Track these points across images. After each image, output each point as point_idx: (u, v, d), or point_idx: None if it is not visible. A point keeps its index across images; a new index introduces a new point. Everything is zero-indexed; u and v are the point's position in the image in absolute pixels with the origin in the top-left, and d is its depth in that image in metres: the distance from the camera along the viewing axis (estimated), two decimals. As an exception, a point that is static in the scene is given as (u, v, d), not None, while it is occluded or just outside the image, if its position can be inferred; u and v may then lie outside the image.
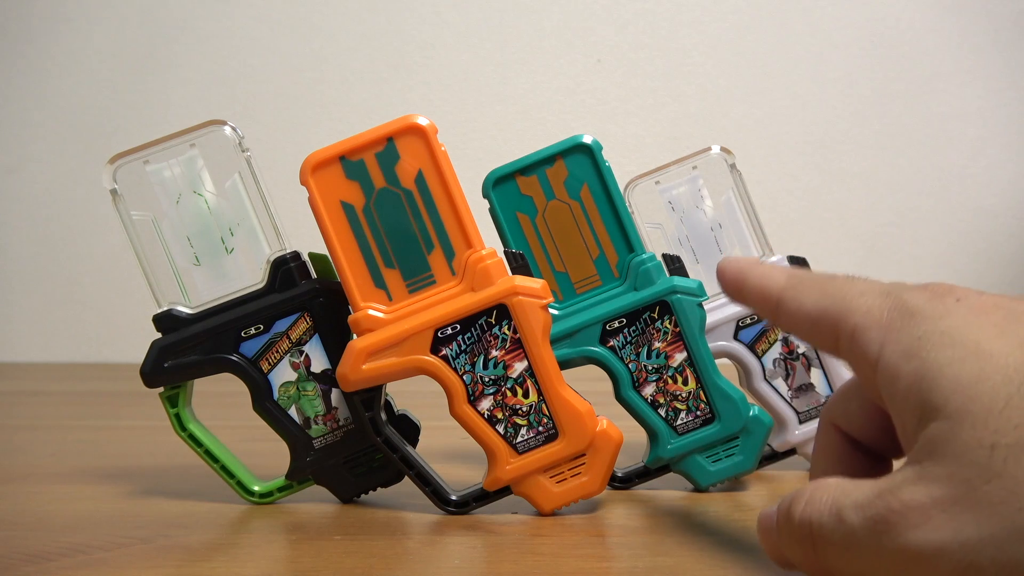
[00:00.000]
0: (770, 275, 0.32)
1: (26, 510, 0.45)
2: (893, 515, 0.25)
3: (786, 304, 0.31)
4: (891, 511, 0.25)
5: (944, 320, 0.26)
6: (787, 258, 0.49)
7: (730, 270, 0.33)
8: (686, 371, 0.45)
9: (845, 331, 0.28)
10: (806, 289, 0.31)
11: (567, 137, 0.45)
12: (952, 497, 0.24)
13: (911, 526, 0.24)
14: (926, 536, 0.24)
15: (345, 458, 0.45)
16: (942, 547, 0.24)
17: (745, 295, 0.33)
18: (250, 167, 0.44)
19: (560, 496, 0.42)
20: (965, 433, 0.24)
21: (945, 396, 0.25)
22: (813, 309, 0.30)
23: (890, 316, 0.27)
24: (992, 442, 0.24)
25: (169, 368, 0.43)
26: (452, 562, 0.37)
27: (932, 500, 0.24)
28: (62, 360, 1.15)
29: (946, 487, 0.24)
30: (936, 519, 0.24)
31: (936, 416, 0.25)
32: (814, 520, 0.27)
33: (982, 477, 0.24)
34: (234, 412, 0.53)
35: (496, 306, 0.41)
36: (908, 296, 0.28)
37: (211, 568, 0.36)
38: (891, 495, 0.25)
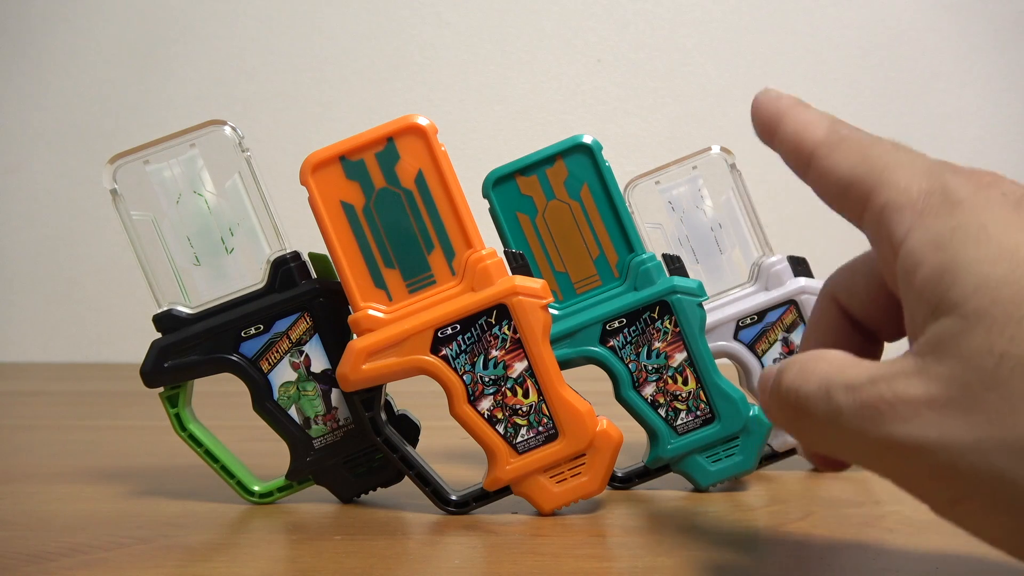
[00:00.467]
0: (808, 124, 0.29)
1: (26, 510, 0.45)
2: (883, 404, 0.24)
3: (819, 162, 0.29)
4: (881, 399, 0.24)
5: (983, 214, 0.25)
6: (787, 258, 0.49)
7: (766, 110, 0.31)
8: (686, 371, 0.45)
9: (875, 204, 0.27)
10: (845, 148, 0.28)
11: (567, 137, 0.45)
12: (947, 398, 0.23)
13: (899, 418, 0.24)
14: (911, 431, 0.24)
15: (345, 458, 0.45)
16: (924, 444, 0.23)
17: (777, 142, 0.30)
18: (250, 167, 0.44)
19: (560, 496, 0.42)
20: (977, 335, 0.23)
21: (966, 294, 0.23)
22: (847, 172, 0.28)
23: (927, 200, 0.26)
24: (1003, 350, 0.23)
25: (169, 368, 0.43)
26: (452, 562, 0.37)
27: (926, 397, 0.24)
28: (62, 360, 1.15)
29: (943, 387, 0.23)
30: (925, 416, 0.23)
31: (951, 312, 0.24)
32: (801, 391, 0.26)
33: (983, 383, 0.23)
34: (234, 412, 0.53)
35: (496, 306, 0.41)
36: (952, 181, 0.26)
37: (211, 568, 0.36)
38: (885, 383, 0.24)
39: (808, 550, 0.37)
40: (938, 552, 0.36)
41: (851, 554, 0.36)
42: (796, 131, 0.30)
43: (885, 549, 0.37)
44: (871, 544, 0.38)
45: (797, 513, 0.42)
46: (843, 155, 0.28)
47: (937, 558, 0.36)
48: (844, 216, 0.29)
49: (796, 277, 0.49)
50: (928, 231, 0.25)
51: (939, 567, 0.35)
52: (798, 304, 0.48)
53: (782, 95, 0.31)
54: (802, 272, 0.49)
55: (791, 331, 0.49)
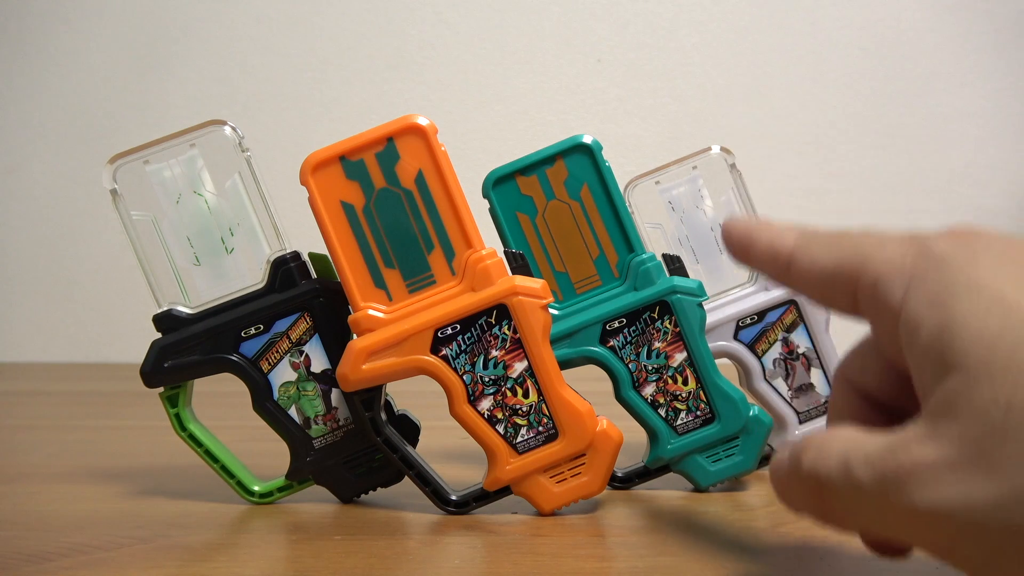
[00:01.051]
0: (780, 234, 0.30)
1: (26, 510, 0.45)
2: (902, 472, 0.24)
3: (799, 262, 0.29)
4: (900, 468, 0.24)
5: (970, 268, 0.25)
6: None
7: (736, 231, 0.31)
8: (686, 371, 0.45)
9: (865, 282, 0.27)
10: (820, 244, 0.29)
11: (567, 137, 0.45)
12: (963, 457, 0.23)
13: (919, 484, 0.23)
14: (933, 496, 0.23)
15: (345, 458, 0.45)
16: (949, 508, 0.23)
17: (753, 257, 0.31)
18: (250, 167, 0.44)
19: (560, 496, 0.42)
20: (982, 389, 0.23)
21: (965, 349, 0.23)
22: (828, 263, 0.28)
23: (915, 263, 0.26)
24: (1008, 400, 0.22)
25: (169, 368, 0.43)
26: (452, 562, 0.37)
27: (942, 459, 0.23)
28: (62, 360, 1.15)
29: (958, 446, 0.23)
30: (945, 479, 0.23)
31: (955, 370, 0.24)
32: (822, 471, 0.26)
33: (995, 438, 0.22)
34: (234, 412, 0.53)
35: (496, 306, 0.41)
36: (933, 243, 0.26)
37: (211, 568, 0.36)
38: (902, 451, 0.24)
39: (808, 550, 0.37)
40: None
41: (851, 554, 0.36)
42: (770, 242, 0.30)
43: (885, 549, 0.37)
44: (871, 544, 0.38)
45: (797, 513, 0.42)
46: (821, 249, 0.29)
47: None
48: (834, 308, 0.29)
49: (796, 277, 0.49)
50: (923, 292, 0.25)
51: (939, 567, 0.35)
52: (798, 304, 0.48)
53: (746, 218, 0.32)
54: (802, 272, 0.49)
55: (791, 331, 0.49)
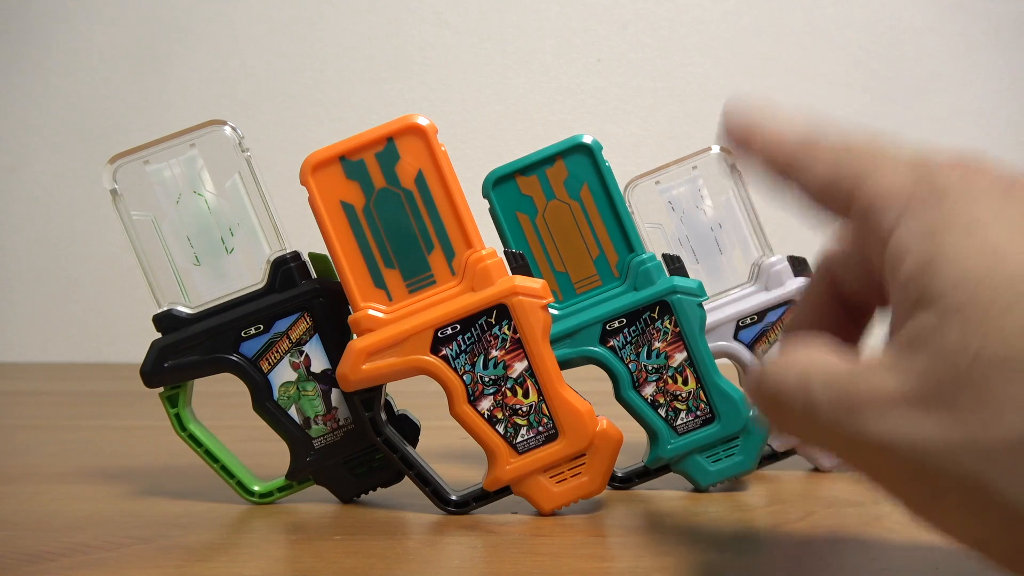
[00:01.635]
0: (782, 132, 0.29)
1: (26, 510, 0.45)
2: (857, 398, 0.24)
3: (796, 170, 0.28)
4: (858, 394, 0.24)
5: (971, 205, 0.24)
6: (787, 258, 0.49)
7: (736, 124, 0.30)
8: (686, 371, 0.45)
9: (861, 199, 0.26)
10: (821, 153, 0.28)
11: (567, 137, 0.45)
12: (920, 394, 0.23)
13: (874, 414, 0.23)
14: (883, 427, 0.23)
15: (345, 458, 0.45)
16: (900, 442, 0.23)
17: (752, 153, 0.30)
18: (250, 167, 0.44)
19: (560, 496, 0.42)
20: (953, 332, 0.22)
21: (945, 287, 0.23)
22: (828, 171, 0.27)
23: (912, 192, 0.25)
24: (977, 349, 0.22)
25: (169, 368, 0.43)
26: (452, 562, 0.37)
27: (900, 392, 0.23)
28: (62, 360, 1.15)
29: (917, 382, 0.23)
30: (900, 412, 0.23)
31: (930, 306, 0.23)
32: (781, 387, 0.26)
33: (957, 382, 0.22)
34: (234, 412, 0.53)
35: (496, 306, 0.41)
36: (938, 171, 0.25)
37: (211, 568, 0.36)
38: (862, 377, 0.24)
39: (808, 550, 0.37)
40: (938, 552, 0.36)
41: (851, 554, 0.36)
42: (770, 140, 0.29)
43: (885, 549, 0.37)
44: (871, 544, 0.38)
45: (797, 513, 0.42)
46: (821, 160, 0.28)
47: (937, 558, 0.36)
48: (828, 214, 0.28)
49: (796, 277, 0.49)
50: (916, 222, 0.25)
51: (939, 567, 0.35)
52: (798, 304, 0.48)
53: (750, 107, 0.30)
54: (802, 272, 0.49)
55: (791, 331, 0.49)
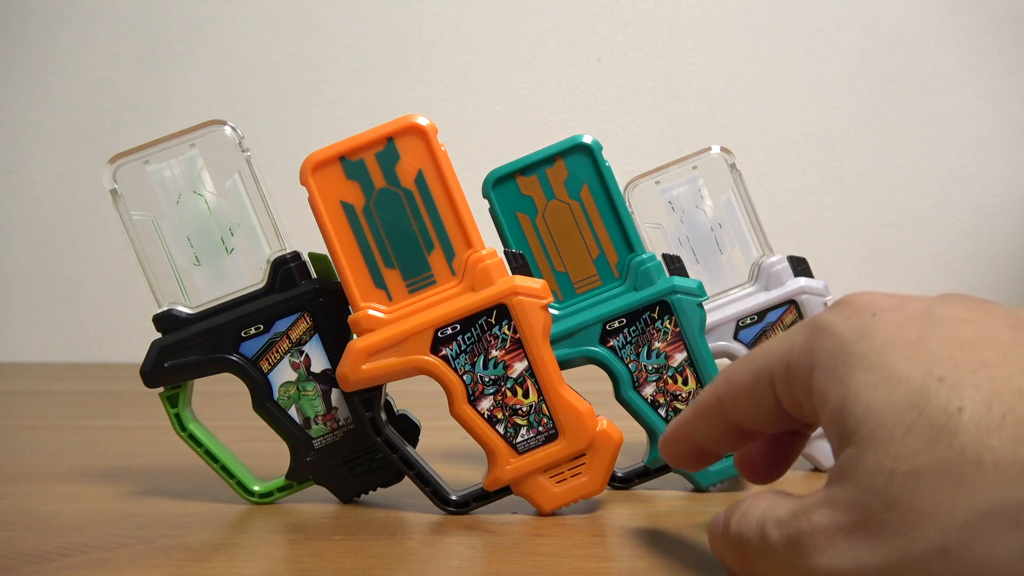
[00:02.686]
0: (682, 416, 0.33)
1: (26, 510, 0.45)
2: (804, 536, 0.25)
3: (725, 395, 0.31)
4: (802, 532, 0.26)
5: (862, 342, 0.26)
6: (787, 258, 0.49)
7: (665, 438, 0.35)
8: (686, 371, 0.45)
9: (779, 375, 0.29)
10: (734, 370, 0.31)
11: (567, 137, 0.45)
12: (853, 523, 0.24)
13: (817, 549, 0.25)
14: (829, 561, 0.25)
15: (345, 458, 0.45)
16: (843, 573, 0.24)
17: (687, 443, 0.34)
18: (250, 167, 0.44)
19: (560, 496, 0.42)
20: (868, 459, 0.24)
21: (857, 422, 0.25)
22: (748, 377, 0.30)
23: (809, 342, 0.28)
24: (891, 468, 0.24)
25: (169, 368, 0.43)
26: (452, 562, 0.37)
27: (836, 525, 0.25)
28: (62, 360, 1.15)
29: (848, 513, 0.25)
30: (839, 545, 0.25)
31: (850, 440, 0.25)
32: (743, 533, 0.28)
33: (881, 504, 0.24)
34: (234, 412, 0.53)
35: (496, 306, 0.41)
36: (824, 319, 0.28)
37: (211, 568, 0.36)
38: (804, 516, 0.26)
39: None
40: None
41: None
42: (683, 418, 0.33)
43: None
44: (871, 544, 0.38)
45: (797, 513, 0.42)
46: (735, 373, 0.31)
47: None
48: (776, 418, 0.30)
49: (796, 277, 0.49)
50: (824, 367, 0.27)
51: None
52: (798, 304, 0.48)
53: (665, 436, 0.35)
54: (802, 272, 0.49)
55: (791, 331, 0.49)
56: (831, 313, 0.28)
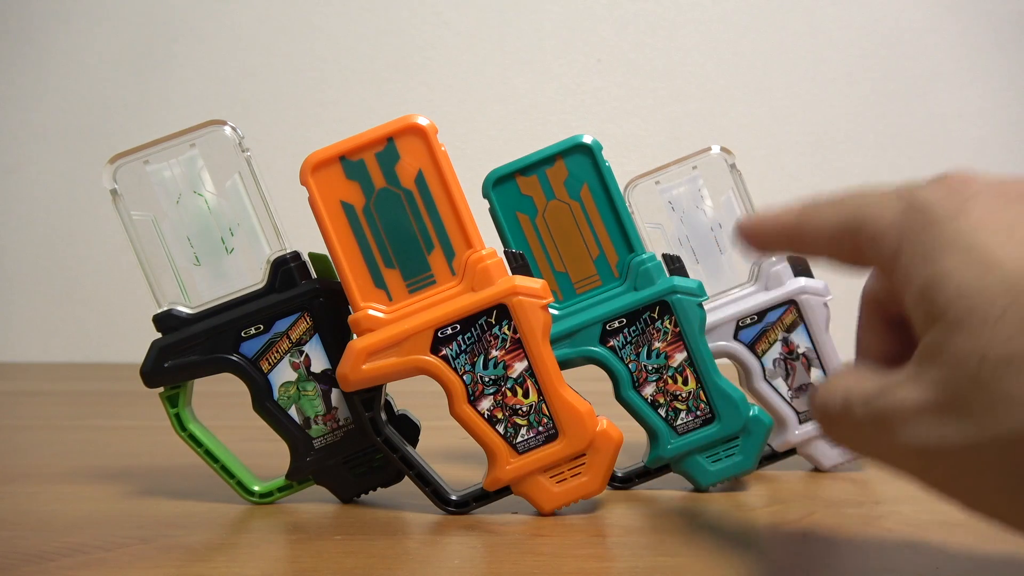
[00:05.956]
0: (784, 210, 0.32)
1: (26, 510, 0.45)
2: (889, 413, 0.26)
3: (805, 230, 0.31)
4: (887, 408, 0.26)
5: (957, 220, 0.26)
6: (787, 258, 0.49)
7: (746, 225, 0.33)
8: (686, 371, 0.45)
9: (864, 240, 0.29)
10: (820, 210, 0.30)
11: (567, 137, 0.45)
12: (940, 402, 0.25)
13: (903, 425, 0.26)
14: (914, 436, 0.25)
15: (345, 458, 0.45)
16: (928, 447, 0.25)
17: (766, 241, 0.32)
18: (250, 167, 0.44)
19: (560, 496, 0.42)
20: (959, 341, 0.24)
21: (947, 302, 0.25)
22: (831, 224, 0.30)
23: (904, 219, 0.27)
24: (982, 353, 0.24)
25: (169, 368, 0.43)
26: (452, 562, 0.37)
27: (922, 402, 0.25)
28: (62, 360, 1.15)
29: (935, 392, 0.25)
30: (924, 421, 0.25)
31: (938, 321, 0.25)
32: (828, 405, 0.28)
33: (970, 386, 0.24)
34: (234, 412, 0.53)
35: (496, 306, 0.41)
36: (922, 194, 0.27)
37: (211, 568, 0.36)
38: (890, 393, 0.26)
39: (808, 550, 0.37)
40: (938, 552, 0.36)
41: (851, 554, 0.36)
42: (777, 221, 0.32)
43: (885, 549, 0.37)
44: (871, 544, 0.38)
45: (797, 513, 0.42)
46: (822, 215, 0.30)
47: (937, 558, 0.36)
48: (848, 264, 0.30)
49: (796, 277, 0.49)
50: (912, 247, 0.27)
51: (939, 567, 0.35)
52: (798, 304, 0.48)
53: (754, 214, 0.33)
54: (802, 272, 0.49)
55: (791, 331, 0.49)
56: (927, 190, 0.27)
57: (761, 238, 0.32)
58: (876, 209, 0.28)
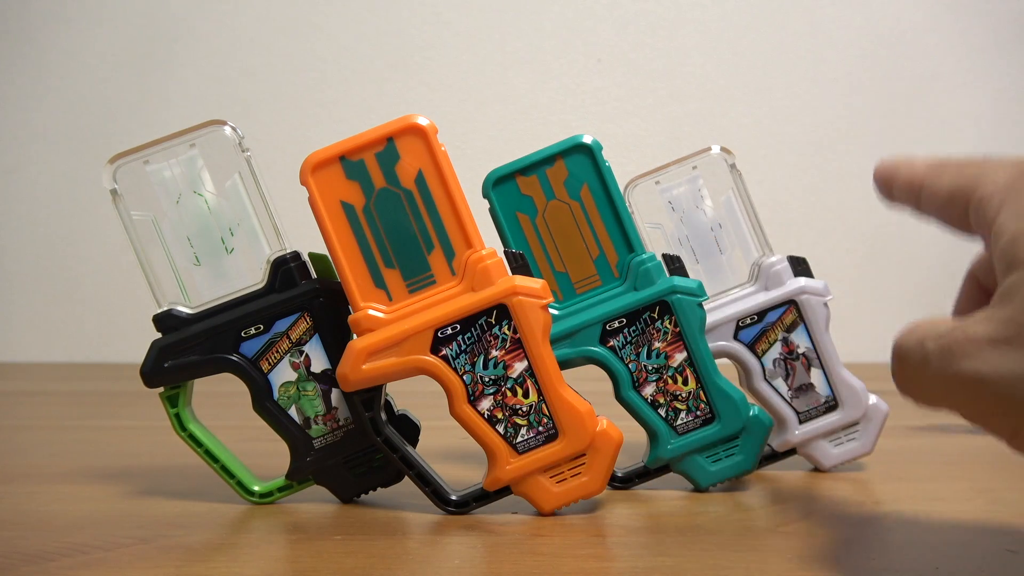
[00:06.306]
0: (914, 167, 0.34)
1: (26, 510, 0.45)
2: (955, 344, 0.28)
3: (927, 188, 0.33)
4: (955, 341, 0.28)
5: None
6: (787, 258, 0.49)
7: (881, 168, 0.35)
8: (686, 371, 0.45)
9: (974, 202, 0.31)
10: (945, 172, 0.33)
11: (567, 137, 0.45)
12: (1005, 336, 0.27)
13: (966, 355, 0.28)
14: (974, 365, 0.28)
15: (345, 458, 0.45)
16: (985, 376, 0.27)
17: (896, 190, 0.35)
18: (250, 167, 0.44)
19: (560, 496, 0.42)
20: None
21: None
22: (949, 187, 0.32)
23: (1012, 184, 0.30)
24: None
25: (169, 368, 0.43)
26: (452, 562, 0.37)
27: (988, 336, 0.28)
28: (62, 360, 1.15)
29: (1002, 327, 0.27)
30: (986, 352, 0.27)
31: (1017, 268, 0.28)
32: (903, 345, 0.31)
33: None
34: (234, 412, 0.53)
35: (496, 306, 0.41)
36: None
37: (211, 568, 0.36)
38: (961, 328, 0.28)
39: (808, 550, 0.37)
40: (938, 552, 0.36)
41: (851, 554, 0.37)
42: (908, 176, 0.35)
43: (885, 549, 0.37)
44: (871, 544, 0.38)
45: (797, 513, 0.42)
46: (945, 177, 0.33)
47: (937, 558, 0.36)
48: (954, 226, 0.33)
49: (796, 277, 0.49)
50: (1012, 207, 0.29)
51: (939, 567, 0.35)
52: (798, 304, 0.48)
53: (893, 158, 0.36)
54: (802, 272, 0.49)
55: (791, 331, 0.49)
56: None
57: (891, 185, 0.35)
58: (990, 176, 0.31)
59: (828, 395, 0.49)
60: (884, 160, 0.36)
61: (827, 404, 0.49)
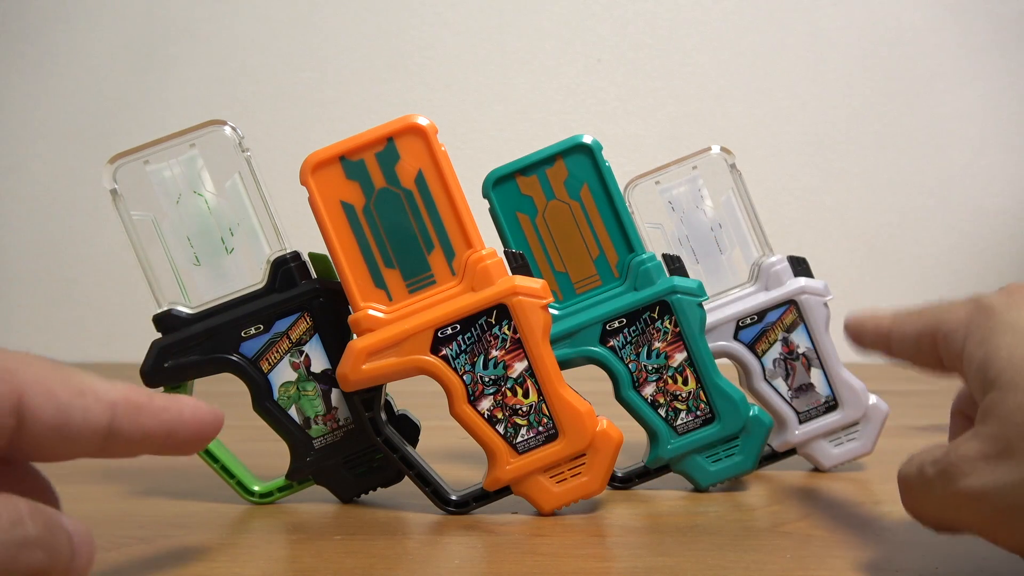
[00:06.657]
0: (880, 319, 0.38)
1: (26, 510, 0.45)
2: (952, 466, 0.30)
3: (895, 335, 0.37)
4: (951, 463, 0.30)
5: (1011, 312, 0.32)
6: (787, 258, 0.49)
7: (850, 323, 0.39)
8: (686, 371, 0.45)
9: (940, 339, 0.34)
10: (908, 318, 0.36)
11: (567, 137, 0.45)
12: (995, 451, 0.29)
13: (963, 474, 0.30)
14: (973, 482, 0.29)
15: (345, 458, 0.45)
16: (985, 491, 0.29)
17: (866, 341, 0.39)
18: (250, 167, 0.44)
19: (560, 496, 0.42)
20: (1009, 400, 0.29)
21: (999, 371, 0.30)
22: (915, 331, 0.36)
23: (970, 315, 0.33)
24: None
25: (169, 368, 0.43)
26: (452, 562, 0.37)
27: (980, 453, 0.29)
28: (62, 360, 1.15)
29: (991, 444, 0.29)
30: (981, 468, 0.29)
31: (992, 387, 0.30)
32: (905, 474, 0.33)
33: (1017, 435, 0.28)
34: (234, 412, 0.53)
35: (496, 306, 0.41)
36: (985, 299, 0.33)
37: (211, 568, 0.36)
38: (953, 451, 0.30)
39: (808, 550, 0.37)
40: (938, 552, 0.36)
41: (851, 554, 0.36)
42: (874, 327, 0.38)
43: (885, 549, 0.37)
44: (871, 544, 0.38)
45: (797, 513, 0.42)
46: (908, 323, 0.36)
47: (937, 558, 0.36)
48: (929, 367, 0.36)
49: (796, 277, 0.49)
50: (975, 335, 0.32)
51: (939, 567, 0.35)
52: (798, 304, 0.48)
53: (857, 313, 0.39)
54: (802, 272, 0.49)
55: (791, 331, 0.49)
56: (991, 295, 0.33)
57: (861, 337, 0.39)
58: (950, 314, 0.34)
59: (828, 395, 0.49)
60: (851, 315, 0.39)
61: (827, 404, 0.49)
